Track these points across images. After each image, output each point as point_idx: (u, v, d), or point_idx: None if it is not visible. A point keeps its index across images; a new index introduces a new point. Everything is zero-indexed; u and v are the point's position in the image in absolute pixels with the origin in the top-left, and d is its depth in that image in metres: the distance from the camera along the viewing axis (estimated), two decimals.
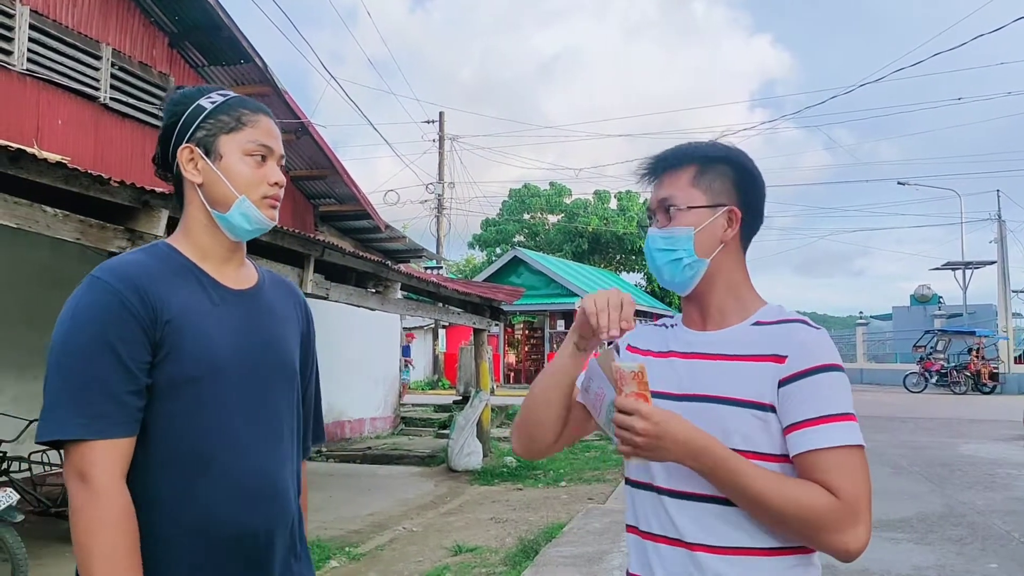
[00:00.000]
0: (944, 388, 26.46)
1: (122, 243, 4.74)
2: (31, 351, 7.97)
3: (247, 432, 1.48)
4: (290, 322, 1.64)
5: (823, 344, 1.39)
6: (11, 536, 4.83)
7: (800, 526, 1.31)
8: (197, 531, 1.42)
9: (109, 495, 1.33)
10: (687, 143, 1.53)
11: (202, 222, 1.54)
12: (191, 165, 1.52)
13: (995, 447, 12.12)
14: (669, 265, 1.48)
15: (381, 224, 13.15)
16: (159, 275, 1.45)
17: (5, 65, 7.64)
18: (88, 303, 1.39)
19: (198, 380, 1.43)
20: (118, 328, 1.37)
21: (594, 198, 40.37)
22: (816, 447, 1.31)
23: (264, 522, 1.49)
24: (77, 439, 1.34)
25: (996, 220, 30.23)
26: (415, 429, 15.58)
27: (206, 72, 10.31)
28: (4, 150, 4.01)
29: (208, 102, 1.54)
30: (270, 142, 1.55)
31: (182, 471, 1.42)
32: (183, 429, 1.42)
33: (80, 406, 1.34)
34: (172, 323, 1.41)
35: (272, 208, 1.55)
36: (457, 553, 6.35)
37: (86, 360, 1.35)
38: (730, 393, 1.38)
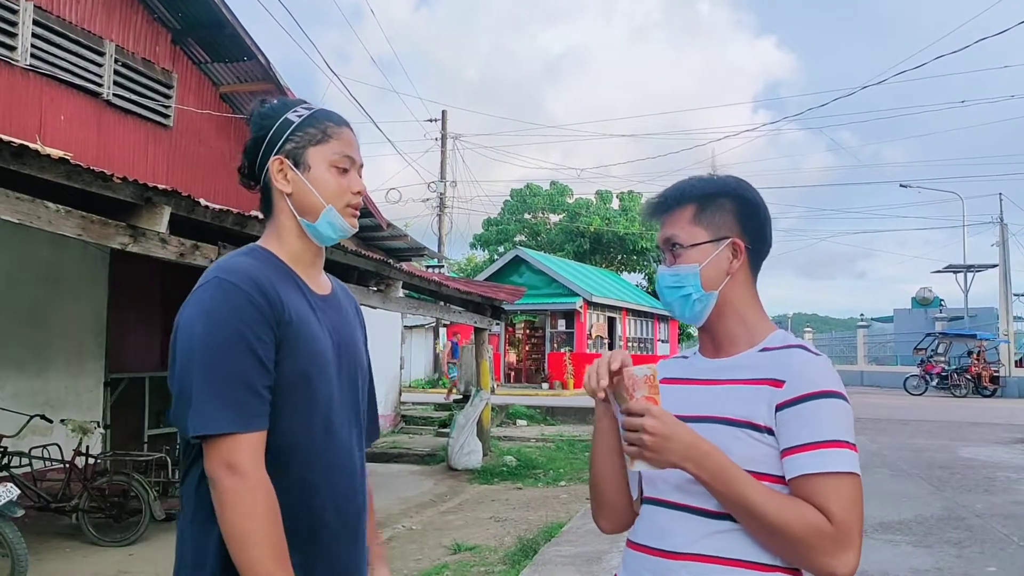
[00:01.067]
0: (944, 391, 26.44)
1: (124, 239, 4.74)
2: (32, 347, 7.99)
3: (344, 428, 1.60)
4: (358, 325, 1.77)
5: (823, 370, 1.40)
6: (11, 531, 4.84)
7: (792, 544, 1.33)
8: (307, 522, 1.51)
9: (260, 483, 1.41)
10: (686, 180, 1.57)
11: (293, 230, 1.62)
12: (281, 176, 1.60)
13: (995, 450, 12.11)
14: (679, 301, 1.53)
15: (383, 222, 13.15)
16: (272, 276, 1.54)
17: (9, 60, 7.65)
18: (223, 303, 1.46)
19: (310, 377, 1.52)
20: (252, 326, 1.45)
21: (596, 198, 40.37)
22: (810, 472, 1.33)
23: (357, 514, 1.62)
24: (228, 432, 1.40)
25: (998, 223, 30.20)
26: (415, 427, 15.58)
27: (209, 69, 10.32)
28: (7, 146, 4.02)
29: (295, 115, 1.62)
30: (353, 153, 1.63)
31: (295, 465, 1.50)
32: (297, 424, 1.50)
33: (228, 401, 1.41)
34: (292, 323, 1.50)
35: (354, 216, 1.64)
36: (456, 552, 6.35)
37: (228, 357, 1.43)
38: (727, 413, 1.41)
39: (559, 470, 10.49)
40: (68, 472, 6.69)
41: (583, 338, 26.93)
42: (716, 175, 1.58)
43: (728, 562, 1.37)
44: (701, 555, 1.38)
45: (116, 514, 6.64)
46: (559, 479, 9.94)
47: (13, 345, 7.76)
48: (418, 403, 19.02)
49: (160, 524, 6.47)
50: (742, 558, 1.37)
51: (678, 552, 1.41)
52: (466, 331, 22.02)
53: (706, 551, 1.38)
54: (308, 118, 1.62)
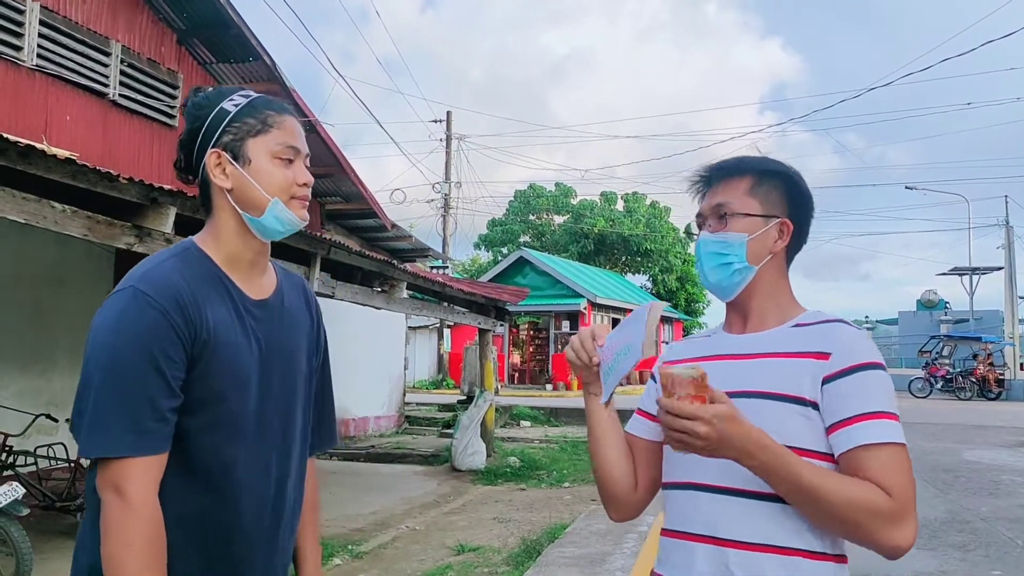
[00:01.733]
0: (949, 394, 26.38)
1: (129, 239, 4.76)
2: (37, 347, 8.01)
3: (266, 444, 1.52)
4: (304, 326, 1.66)
5: (866, 343, 1.40)
6: (16, 530, 4.86)
7: (854, 523, 1.30)
8: (215, 542, 1.46)
9: (145, 510, 1.34)
10: (743, 155, 1.57)
11: (233, 227, 1.53)
12: (219, 170, 1.51)
13: (1000, 454, 12.08)
14: (718, 269, 1.51)
15: (387, 223, 13.16)
16: (195, 285, 1.45)
17: (15, 61, 7.68)
18: (135, 318, 1.38)
19: (227, 395, 1.45)
20: (162, 346, 1.37)
21: (600, 199, 40.35)
22: (863, 443, 1.32)
23: (272, 527, 1.54)
24: (122, 456, 1.35)
25: (1004, 226, 30.15)
26: (419, 428, 15.60)
27: (214, 69, 10.34)
28: (14, 146, 4.03)
29: (231, 105, 1.52)
30: (296, 143, 1.54)
31: (203, 479, 1.44)
32: (206, 444, 1.44)
33: (128, 423, 1.34)
34: (209, 341, 1.43)
35: (302, 208, 1.55)
36: (460, 552, 6.36)
37: (133, 377, 1.36)
38: (772, 388, 1.39)
39: (563, 471, 10.49)
40: (73, 471, 6.71)
41: None
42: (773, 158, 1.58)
43: (779, 550, 1.35)
44: (750, 543, 1.36)
45: None
46: (563, 480, 9.93)
47: (18, 344, 7.79)
48: (422, 404, 19.06)
49: None
50: (793, 546, 1.35)
51: (726, 539, 1.38)
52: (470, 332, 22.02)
53: (755, 538, 1.36)
54: (246, 107, 1.52)
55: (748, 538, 1.36)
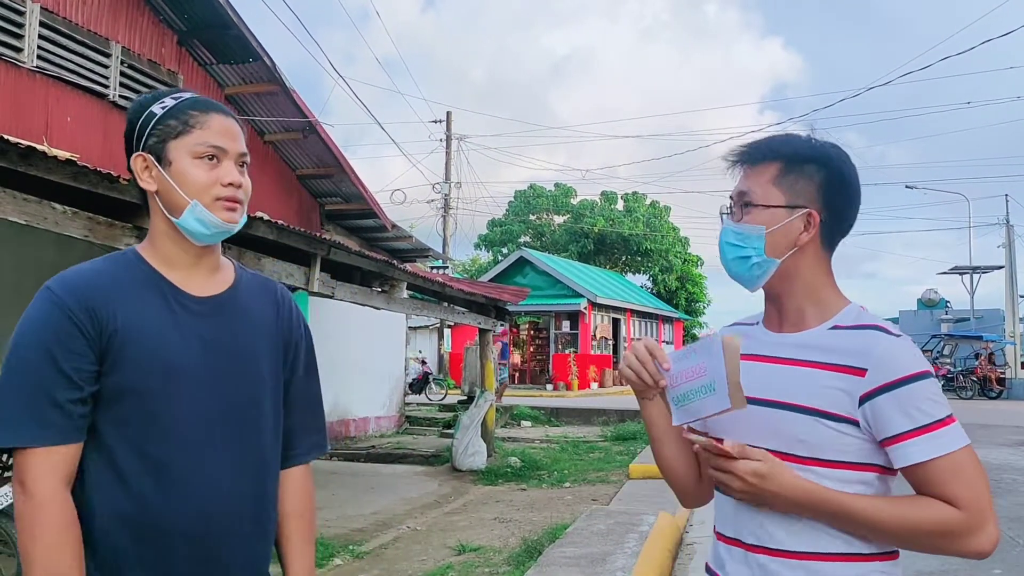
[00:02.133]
0: (950, 393, 26.35)
1: (130, 240, 4.76)
2: None
3: (206, 443, 1.46)
4: (264, 327, 1.60)
5: (905, 352, 1.35)
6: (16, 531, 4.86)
7: (927, 544, 1.31)
8: (146, 541, 1.42)
9: (49, 504, 1.33)
10: (780, 135, 1.50)
11: (163, 230, 1.52)
12: (146, 174, 1.51)
13: (1001, 452, 12.08)
14: (736, 261, 1.46)
15: (387, 223, 13.16)
16: (114, 284, 1.45)
17: (15, 62, 7.68)
18: (35, 315, 1.42)
19: (146, 390, 1.42)
20: (60, 337, 1.38)
21: (600, 199, 40.36)
22: (922, 459, 1.29)
23: (220, 535, 1.47)
24: (19, 447, 1.35)
25: (1004, 225, 30.14)
26: (419, 428, 15.60)
27: (214, 70, 10.35)
28: (14, 147, 4.04)
29: (160, 107, 1.50)
30: (221, 142, 1.50)
31: (130, 480, 1.41)
32: (132, 438, 1.41)
33: (25, 415, 1.35)
34: (118, 334, 1.41)
35: (229, 210, 1.50)
36: (461, 552, 6.36)
37: (30, 370, 1.37)
38: (803, 401, 1.36)
39: (563, 471, 10.49)
40: None
41: (587, 339, 26.93)
42: (813, 137, 1.48)
43: (828, 557, 1.35)
44: (799, 552, 1.36)
45: None
46: (563, 480, 9.94)
47: None
48: (422, 404, 19.05)
49: None
50: (840, 551, 1.35)
51: (773, 548, 1.37)
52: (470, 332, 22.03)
53: (802, 547, 1.35)
54: (171, 109, 1.50)
55: (795, 547, 1.36)
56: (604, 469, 10.58)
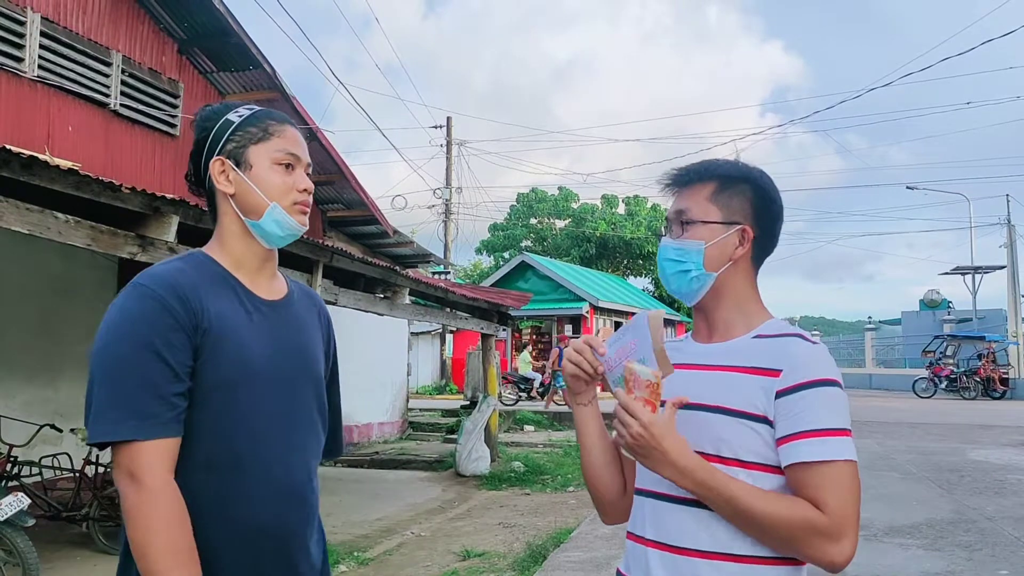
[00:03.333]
0: (954, 393, 26.32)
1: (132, 249, 4.77)
2: (42, 357, 8.03)
3: (280, 437, 1.53)
4: (315, 333, 1.69)
5: (820, 359, 1.40)
6: (22, 540, 4.86)
7: (785, 540, 1.35)
8: (234, 530, 1.47)
9: (163, 494, 1.37)
10: (711, 159, 1.57)
11: (236, 232, 1.59)
12: (223, 177, 1.57)
13: (1005, 453, 12.05)
14: (677, 275, 1.53)
15: (389, 229, 13.18)
16: (198, 283, 1.49)
17: (16, 72, 7.70)
18: (133, 309, 1.43)
19: (234, 385, 1.47)
20: (163, 332, 1.41)
21: (602, 202, 40.37)
22: (805, 460, 1.34)
23: (295, 524, 1.55)
24: (128, 440, 1.37)
25: (1006, 224, 30.11)
26: (423, 434, 15.59)
27: (215, 78, 10.37)
28: (17, 157, 4.05)
29: (235, 116, 1.59)
30: (297, 150, 1.60)
31: (220, 472, 1.46)
32: (220, 432, 1.46)
33: (130, 408, 1.37)
34: (211, 330, 1.46)
35: (302, 214, 1.60)
36: (466, 558, 6.35)
37: (134, 364, 1.39)
38: (721, 402, 1.41)
39: (567, 475, 10.47)
40: (78, 481, 6.71)
41: None
42: (742, 162, 1.57)
43: (732, 558, 1.38)
44: (704, 551, 1.39)
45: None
46: (567, 484, 9.92)
47: (23, 355, 7.80)
48: (425, 409, 19.04)
49: None
50: (746, 553, 1.38)
51: (680, 547, 1.41)
52: (472, 337, 22.01)
53: (708, 547, 1.39)
54: (249, 117, 1.59)
55: (701, 546, 1.40)
56: None
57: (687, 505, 1.42)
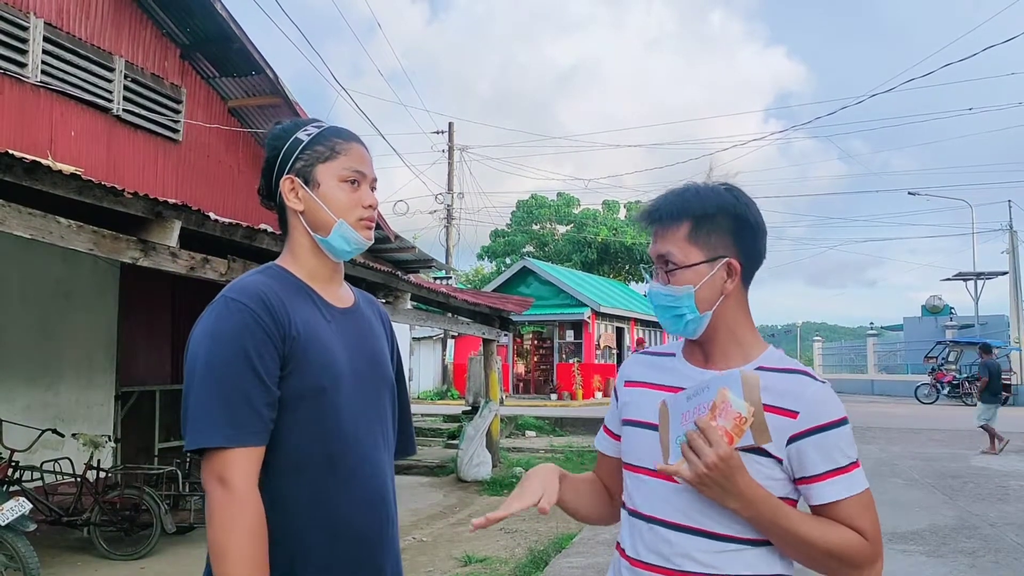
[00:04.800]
0: (956, 399, 26.26)
1: (134, 253, 4.77)
2: (43, 362, 8.02)
3: (365, 439, 1.61)
4: (382, 337, 1.78)
5: (832, 399, 1.44)
6: (23, 545, 4.86)
7: (834, 564, 1.40)
8: (326, 530, 1.53)
9: (247, 499, 1.43)
10: (681, 193, 1.53)
11: (307, 246, 1.66)
12: (292, 195, 1.64)
13: (1007, 459, 12.03)
14: (672, 320, 1.52)
15: (391, 234, 13.17)
16: (282, 293, 1.56)
17: (19, 77, 7.72)
18: (226, 322, 1.50)
19: (323, 390, 1.54)
20: (255, 345, 1.48)
21: (603, 208, 40.38)
22: (841, 497, 1.40)
23: (381, 523, 1.62)
24: (222, 447, 1.43)
25: (1008, 230, 30.08)
26: (424, 439, 15.57)
27: (218, 83, 10.39)
28: (19, 162, 4.05)
29: (304, 134, 1.65)
30: (363, 167, 1.66)
31: (311, 475, 1.53)
32: (311, 435, 1.53)
33: (225, 417, 1.44)
34: (298, 339, 1.53)
35: (368, 229, 1.66)
36: (467, 563, 6.34)
37: (229, 375, 1.46)
38: None
39: None
40: (79, 486, 6.71)
41: (591, 348, 26.89)
42: (712, 185, 1.53)
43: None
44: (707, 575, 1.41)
45: (127, 527, 6.65)
46: None
47: (25, 359, 7.80)
48: (427, 415, 19.02)
49: (171, 537, 6.47)
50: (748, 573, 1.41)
51: (682, 571, 1.42)
52: (474, 343, 21.99)
53: (711, 571, 1.41)
54: (317, 136, 1.65)
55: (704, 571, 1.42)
56: None
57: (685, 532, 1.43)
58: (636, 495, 1.52)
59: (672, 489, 1.44)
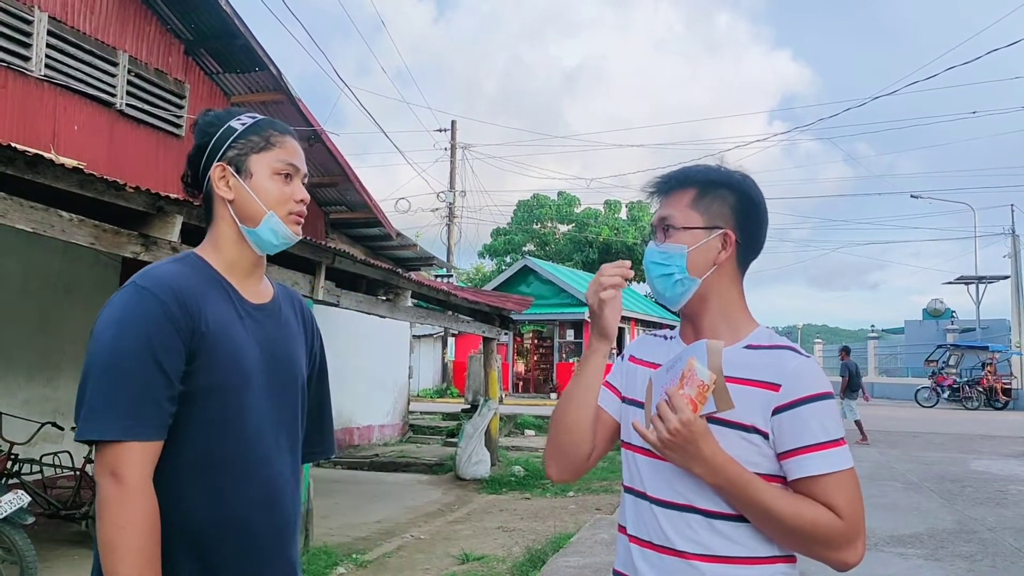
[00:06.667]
0: (956, 403, 26.26)
1: (136, 248, 4.77)
2: (43, 355, 8.04)
3: (267, 440, 1.57)
4: (299, 336, 1.73)
5: (815, 373, 1.45)
6: (21, 538, 4.86)
7: (808, 542, 1.40)
8: (221, 528, 1.49)
9: (140, 495, 1.39)
10: (692, 165, 1.59)
11: (231, 237, 1.61)
12: (223, 183, 1.60)
13: (1007, 463, 12.02)
14: (661, 279, 1.54)
15: (392, 232, 13.18)
16: (196, 286, 1.52)
17: (23, 71, 7.73)
18: (134, 311, 1.45)
19: (227, 388, 1.50)
20: (161, 337, 1.43)
21: (604, 208, 40.37)
22: (816, 473, 1.39)
23: (276, 526, 1.57)
24: (117, 440, 1.39)
25: (1010, 234, 30.06)
26: (423, 437, 15.57)
27: (221, 79, 10.40)
28: (22, 155, 4.06)
29: (239, 123, 1.62)
30: (296, 161, 1.63)
31: (209, 473, 1.49)
32: (212, 434, 1.49)
33: (122, 408, 1.40)
34: (208, 334, 1.49)
35: (297, 224, 1.64)
36: (464, 562, 6.34)
37: (131, 366, 1.41)
38: (722, 414, 1.43)
39: None
40: (78, 479, 6.72)
41: None
42: (724, 167, 1.59)
43: (732, 560, 1.42)
44: (706, 555, 1.42)
45: None
46: (567, 489, 9.91)
47: (25, 353, 7.81)
48: (426, 413, 19.02)
49: None
50: (746, 555, 1.42)
51: (683, 551, 1.44)
52: (474, 341, 22.00)
53: (710, 551, 1.42)
54: (252, 126, 1.62)
55: (703, 551, 1.43)
56: (608, 478, 10.55)
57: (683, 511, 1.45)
58: (631, 474, 1.56)
59: (664, 467, 1.46)
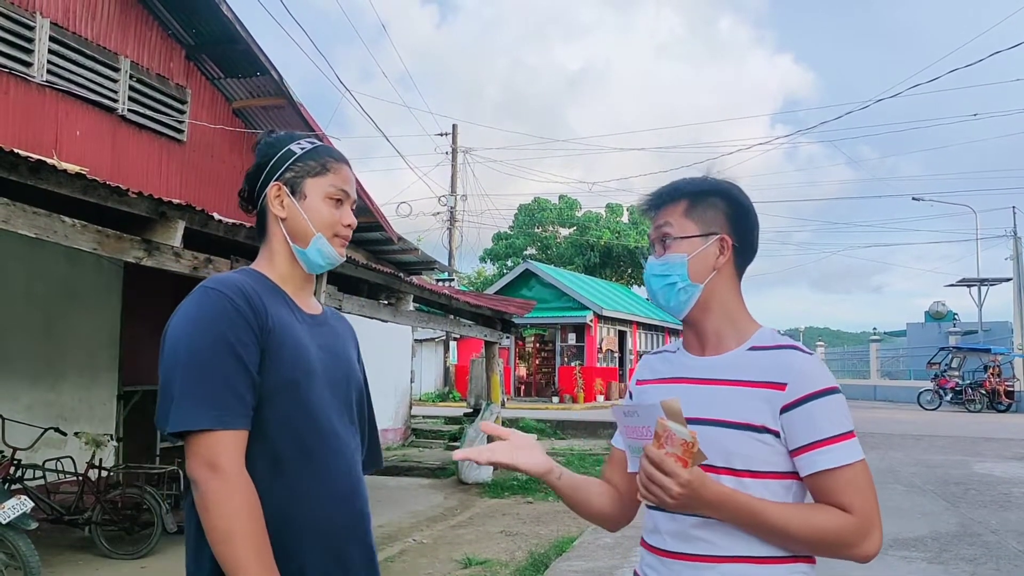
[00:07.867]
0: (959, 406, 26.21)
1: (138, 253, 4.78)
2: (46, 360, 8.04)
3: (340, 432, 1.65)
4: (351, 346, 1.83)
5: (819, 369, 1.48)
6: (24, 543, 4.86)
7: (824, 547, 1.43)
8: (298, 524, 1.54)
9: (241, 481, 1.44)
10: (680, 179, 1.65)
11: (284, 253, 1.70)
12: (277, 202, 1.68)
13: (1010, 466, 12.00)
14: (664, 289, 1.60)
15: (393, 236, 13.18)
16: (259, 289, 1.60)
17: (25, 76, 7.74)
18: (207, 310, 1.52)
19: (297, 383, 1.57)
20: (236, 331, 1.50)
21: (606, 211, 40.37)
22: (826, 467, 1.42)
23: (354, 518, 1.65)
24: (206, 430, 1.44)
25: (1012, 237, 30.03)
26: (425, 441, 15.57)
27: (222, 84, 10.41)
28: (24, 161, 4.07)
29: (298, 147, 1.71)
30: (348, 188, 1.72)
31: (289, 467, 1.54)
32: (286, 430, 1.55)
33: (208, 400, 1.45)
34: (274, 331, 1.56)
35: (342, 247, 1.72)
36: (467, 566, 6.34)
37: (212, 360, 1.47)
38: (730, 417, 1.46)
39: None
40: (81, 485, 6.72)
41: (593, 352, 26.87)
42: (711, 176, 1.65)
43: (752, 560, 1.44)
44: (727, 556, 1.45)
45: (128, 527, 6.66)
46: None
47: (28, 358, 7.82)
48: (428, 417, 19.02)
49: (172, 537, 6.48)
50: (765, 555, 1.44)
51: (702, 555, 1.46)
52: (476, 345, 21.99)
53: (732, 552, 1.45)
54: (310, 151, 1.70)
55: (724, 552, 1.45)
56: None
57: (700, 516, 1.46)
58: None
59: None
